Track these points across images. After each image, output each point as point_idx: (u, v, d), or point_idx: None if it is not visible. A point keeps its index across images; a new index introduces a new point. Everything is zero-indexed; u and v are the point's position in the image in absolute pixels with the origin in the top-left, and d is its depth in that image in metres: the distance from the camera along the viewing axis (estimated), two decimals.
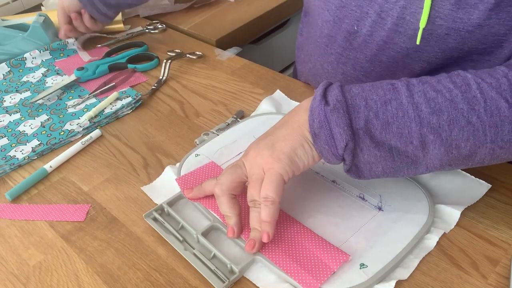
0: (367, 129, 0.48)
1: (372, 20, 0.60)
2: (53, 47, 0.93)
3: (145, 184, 0.64)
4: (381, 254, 0.50)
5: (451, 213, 0.54)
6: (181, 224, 0.56)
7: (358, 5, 0.61)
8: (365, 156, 0.49)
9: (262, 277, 0.51)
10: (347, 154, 0.48)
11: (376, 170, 0.50)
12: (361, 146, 0.48)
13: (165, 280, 0.52)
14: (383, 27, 0.60)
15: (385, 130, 0.48)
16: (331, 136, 0.48)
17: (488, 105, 0.46)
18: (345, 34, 0.65)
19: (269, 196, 0.49)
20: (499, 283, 0.48)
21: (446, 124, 0.47)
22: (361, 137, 0.48)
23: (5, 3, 1.09)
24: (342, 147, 0.48)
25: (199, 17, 1.07)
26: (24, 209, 0.62)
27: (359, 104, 0.48)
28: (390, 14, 0.58)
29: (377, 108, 0.48)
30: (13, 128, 0.76)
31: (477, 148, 0.47)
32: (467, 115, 0.46)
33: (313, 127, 0.49)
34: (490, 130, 0.46)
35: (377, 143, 0.48)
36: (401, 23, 0.57)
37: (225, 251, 0.52)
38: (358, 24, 0.62)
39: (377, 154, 0.48)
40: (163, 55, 0.91)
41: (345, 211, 0.55)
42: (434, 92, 0.48)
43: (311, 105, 0.50)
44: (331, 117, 0.47)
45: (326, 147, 0.49)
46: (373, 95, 0.49)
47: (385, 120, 0.47)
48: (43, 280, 0.53)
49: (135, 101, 0.79)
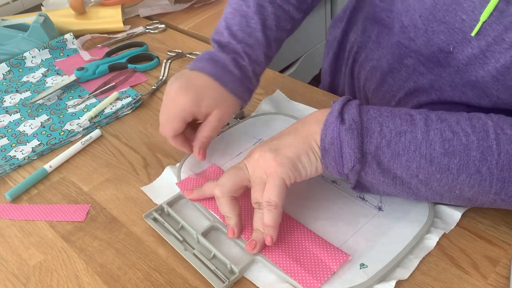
0: (376, 155, 0.48)
1: (473, 52, 0.53)
2: (52, 46, 0.93)
3: (145, 184, 0.64)
4: (381, 254, 0.50)
5: (452, 214, 0.54)
6: (181, 224, 0.56)
7: (460, 29, 0.53)
8: (369, 178, 0.50)
9: (262, 277, 0.51)
10: (352, 174, 0.49)
11: (378, 189, 0.51)
12: (367, 170, 0.49)
13: (165, 280, 0.52)
14: (482, 67, 0.53)
15: (393, 160, 0.48)
16: (340, 155, 0.48)
17: (501, 159, 0.46)
18: (434, 49, 0.58)
19: (272, 201, 0.49)
20: (499, 283, 0.48)
21: (456, 168, 0.47)
22: (368, 162, 0.48)
23: (5, 3, 1.09)
24: (349, 168, 0.48)
25: (199, 17, 1.07)
26: (24, 209, 0.62)
27: (373, 129, 0.48)
28: (496, 57, 0.51)
29: (391, 137, 0.48)
30: (13, 128, 0.76)
31: (480, 195, 0.48)
32: (478, 164, 0.46)
33: (324, 142, 0.49)
34: (497, 183, 0.46)
35: (382, 170, 0.49)
36: (505, 71, 0.51)
37: (225, 251, 0.52)
38: (456, 46, 0.55)
39: (381, 179, 0.49)
40: (163, 55, 0.91)
41: (345, 212, 0.55)
42: (451, 133, 0.47)
43: (327, 119, 0.50)
44: (344, 136, 0.48)
45: (333, 163, 0.49)
46: (389, 123, 0.48)
47: (396, 151, 0.48)
48: (43, 280, 0.53)
49: (135, 101, 0.79)
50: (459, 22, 0.53)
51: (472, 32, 0.52)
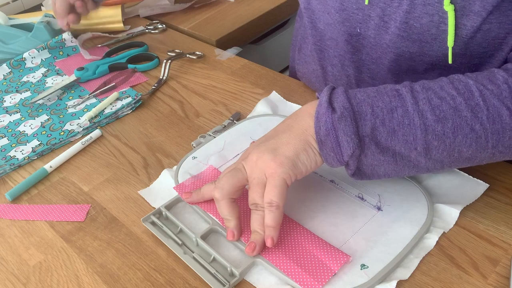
0: (373, 136, 0.48)
1: (375, 23, 0.60)
2: (51, 45, 0.93)
3: (145, 184, 0.64)
4: (381, 255, 0.50)
5: (450, 212, 0.54)
6: (179, 228, 0.56)
7: (359, 8, 0.61)
8: (369, 160, 0.50)
9: (263, 280, 0.50)
10: (352, 160, 0.49)
11: (378, 171, 0.51)
12: (366, 152, 0.49)
13: (165, 280, 0.52)
14: (386, 31, 0.59)
15: (390, 137, 0.48)
16: (338, 144, 0.48)
17: (491, 113, 0.47)
18: (346, 37, 0.64)
19: (273, 201, 0.49)
20: (499, 283, 0.48)
21: (451, 131, 0.48)
22: (366, 144, 0.48)
23: (5, 3, 1.09)
24: (348, 155, 0.48)
25: (199, 17, 1.07)
26: (24, 209, 0.62)
27: (365, 111, 0.49)
28: (393, 18, 0.57)
29: (383, 115, 0.48)
30: (13, 128, 0.76)
31: (478, 152, 0.49)
32: (470, 122, 0.47)
33: (319, 134, 0.49)
34: (492, 136, 0.48)
35: (381, 149, 0.49)
36: (404, 27, 0.57)
37: (225, 254, 0.52)
38: (361, 26, 0.62)
39: (381, 158, 0.49)
40: (163, 55, 0.91)
41: (344, 212, 0.55)
42: (438, 100, 0.48)
43: (317, 112, 0.50)
44: (338, 125, 0.48)
45: (332, 154, 0.49)
46: (378, 102, 0.49)
47: (391, 128, 0.48)
48: (43, 280, 0.53)
49: (135, 101, 0.79)
50: (354, 1, 0.60)
51: (365, 1, 0.58)
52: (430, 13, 0.54)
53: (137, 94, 0.81)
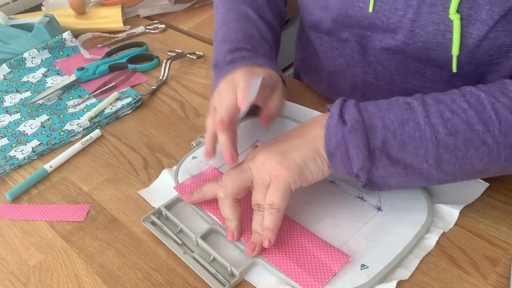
0: (384, 149, 0.48)
1: (381, 29, 0.60)
2: (51, 45, 0.93)
3: (145, 184, 0.64)
4: (381, 255, 0.50)
5: (450, 212, 0.54)
6: (179, 228, 0.56)
7: (364, 16, 0.60)
8: (380, 172, 0.50)
9: (263, 280, 0.50)
10: (362, 172, 0.49)
11: (390, 183, 0.51)
12: (377, 165, 0.49)
13: (165, 280, 0.52)
14: (393, 37, 0.59)
15: (401, 150, 0.48)
16: (347, 156, 0.48)
17: (503, 126, 0.47)
18: (356, 38, 0.63)
19: (274, 204, 0.49)
20: (499, 283, 0.48)
21: (462, 145, 0.47)
22: (377, 157, 0.48)
23: (5, 3, 1.09)
24: (358, 167, 0.48)
25: (199, 17, 1.07)
26: (24, 209, 0.62)
27: (376, 124, 0.48)
28: (399, 26, 0.57)
29: (395, 128, 0.48)
30: (13, 128, 0.76)
31: (491, 165, 0.49)
32: (482, 136, 0.47)
33: (329, 146, 0.49)
34: (505, 150, 0.47)
35: (393, 161, 0.49)
36: (410, 35, 0.56)
37: (225, 254, 0.52)
38: (369, 30, 0.61)
39: (392, 170, 0.50)
40: (163, 55, 0.91)
41: (345, 212, 0.55)
42: (450, 113, 0.48)
43: (328, 124, 0.50)
44: (349, 137, 0.48)
45: (341, 166, 0.49)
46: (389, 115, 0.49)
47: (402, 141, 0.48)
48: (43, 280, 0.53)
49: (135, 101, 0.79)
50: (358, 9, 0.60)
51: (369, 9, 0.58)
52: (435, 22, 0.54)
53: (137, 94, 0.81)
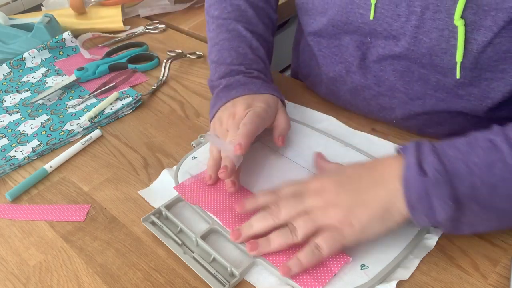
0: (473, 196, 0.45)
1: (383, 36, 0.59)
2: (51, 45, 0.93)
3: (145, 184, 0.64)
4: (381, 255, 0.50)
5: None
6: (179, 228, 0.56)
7: (365, 23, 0.59)
8: (467, 218, 0.47)
9: (263, 280, 0.50)
10: (448, 221, 0.46)
11: (478, 228, 0.49)
12: (466, 212, 0.46)
13: (165, 280, 0.52)
14: (396, 43, 0.58)
15: (492, 194, 0.45)
16: (431, 208, 0.46)
17: None
18: (357, 44, 0.63)
19: (323, 249, 0.48)
20: (499, 283, 0.48)
21: None
22: (466, 204, 0.45)
23: (5, 3, 1.09)
24: (443, 218, 0.46)
25: (199, 17, 1.07)
26: (24, 209, 0.62)
27: (461, 171, 0.45)
28: (402, 32, 0.57)
29: (481, 172, 0.45)
30: (13, 128, 0.76)
31: None
32: None
33: (411, 201, 0.46)
34: None
35: (483, 207, 0.46)
36: (414, 41, 0.56)
37: (225, 254, 0.52)
38: (371, 36, 0.60)
39: (483, 217, 0.47)
40: (163, 55, 0.91)
41: None
42: None
43: (406, 176, 0.46)
44: (432, 190, 0.45)
45: (424, 218, 0.47)
46: (473, 157, 0.45)
47: (492, 184, 0.45)
48: (43, 280, 0.53)
49: (135, 101, 0.79)
50: (359, 16, 0.60)
51: (370, 16, 0.58)
52: (440, 28, 0.53)
53: (137, 94, 0.81)
